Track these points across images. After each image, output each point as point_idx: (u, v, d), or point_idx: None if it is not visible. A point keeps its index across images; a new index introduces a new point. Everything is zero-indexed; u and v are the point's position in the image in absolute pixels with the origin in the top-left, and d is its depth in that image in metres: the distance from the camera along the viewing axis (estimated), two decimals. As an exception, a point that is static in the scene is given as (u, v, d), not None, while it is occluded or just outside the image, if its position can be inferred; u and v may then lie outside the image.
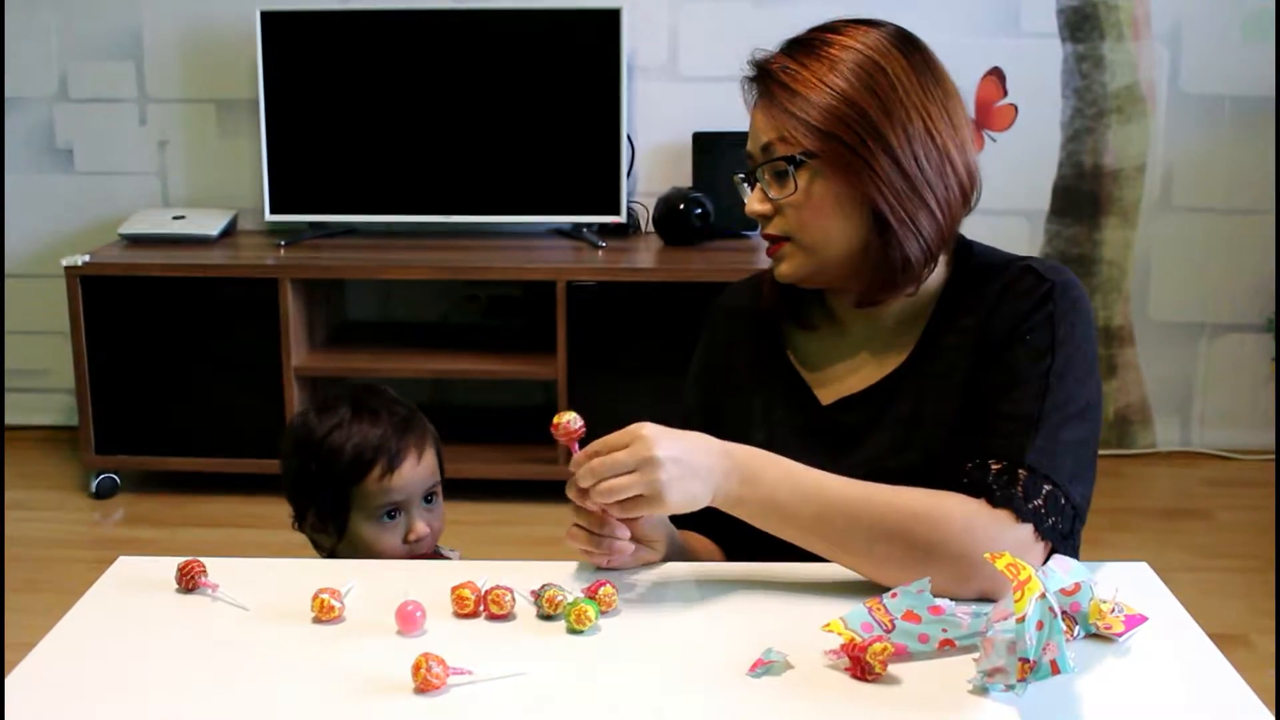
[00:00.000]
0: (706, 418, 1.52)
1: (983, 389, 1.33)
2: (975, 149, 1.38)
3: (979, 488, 1.27)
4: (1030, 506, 1.25)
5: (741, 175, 1.41)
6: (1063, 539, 1.26)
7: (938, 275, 1.41)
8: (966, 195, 1.37)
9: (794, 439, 1.43)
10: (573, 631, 1.22)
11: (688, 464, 1.22)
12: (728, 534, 1.49)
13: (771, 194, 1.36)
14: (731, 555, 1.48)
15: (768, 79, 1.35)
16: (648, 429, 1.22)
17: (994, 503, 1.26)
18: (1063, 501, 1.27)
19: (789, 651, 1.16)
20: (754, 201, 1.38)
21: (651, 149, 3.74)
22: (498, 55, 3.54)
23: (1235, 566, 3.10)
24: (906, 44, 1.35)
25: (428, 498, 1.67)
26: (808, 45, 1.35)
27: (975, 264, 1.41)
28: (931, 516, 1.24)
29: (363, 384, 1.74)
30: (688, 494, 1.22)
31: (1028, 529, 1.25)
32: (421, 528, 1.64)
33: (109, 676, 1.15)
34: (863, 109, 1.30)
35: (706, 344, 1.58)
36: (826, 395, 1.44)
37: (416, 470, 1.64)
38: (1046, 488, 1.26)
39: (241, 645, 1.20)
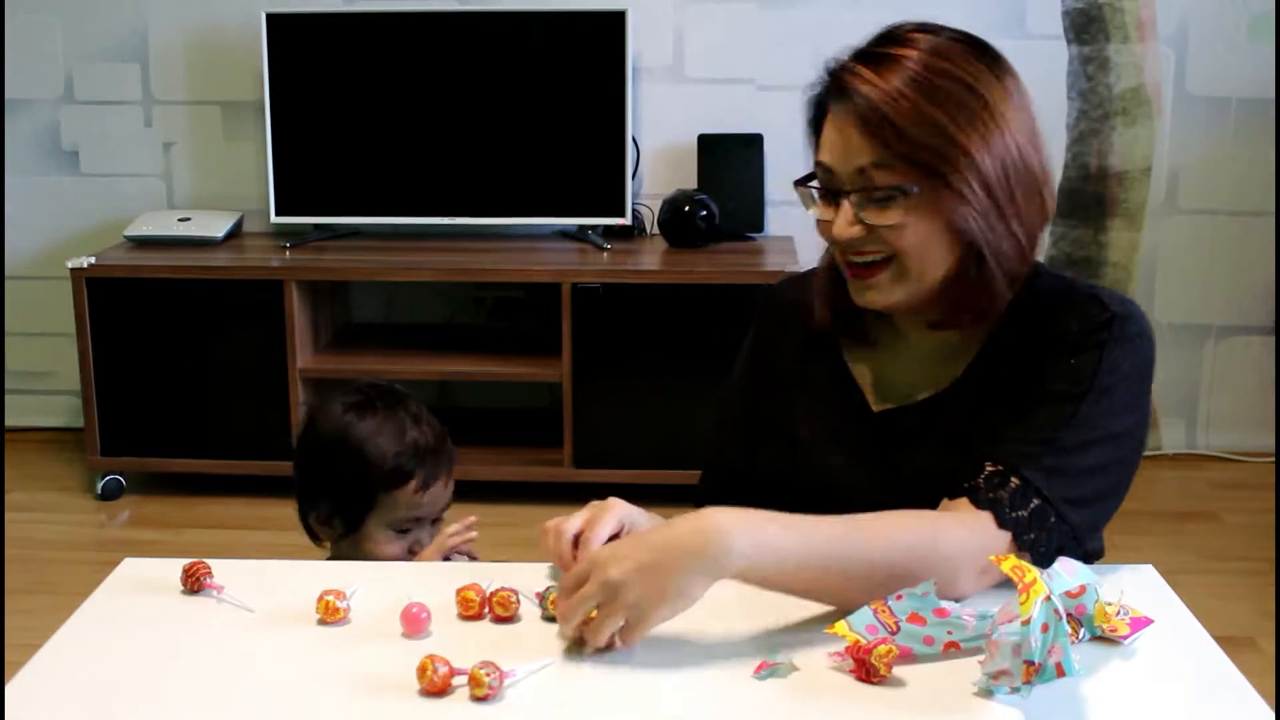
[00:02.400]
0: (749, 411, 1.51)
1: (1015, 399, 1.32)
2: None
3: (968, 487, 1.27)
4: (1012, 515, 1.24)
5: (809, 185, 1.34)
6: (1044, 558, 1.23)
7: None
8: (1047, 214, 1.33)
9: (840, 441, 1.42)
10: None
11: (657, 567, 1.12)
12: None
13: (868, 218, 1.29)
14: None
15: (854, 96, 1.27)
16: (600, 552, 1.14)
17: (977, 504, 1.26)
18: (1051, 519, 1.25)
19: (794, 654, 1.16)
20: (844, 225, 1.30)
21: (656, 151, 3.75)
22: (502, 57, 3.54)
23: (1242, 569, 3.09)
24: (981, 51, 1.31)
25: (437, 518, 1.69)
26: (888, 60, 1.28)
27: (1041, 286, 1.37)
28: (923, 552, 1.21)
29: (384, 384, 1.73)
30: (675, 596, 1.13)
31: (1005, 536, 1.24)
32: (427, 541, 1.68)
33: (114, 678, 1.15)
34: (953, 136, 1.25)
35: (755, 337, 1.54)
36: (878, 402, 1.42)
37: (444, 493, 1.67)
38: (1035, 502, 1.25)
39: (246, 647, 1.21)
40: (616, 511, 1.30)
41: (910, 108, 1.25)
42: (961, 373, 1.38)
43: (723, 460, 1.54)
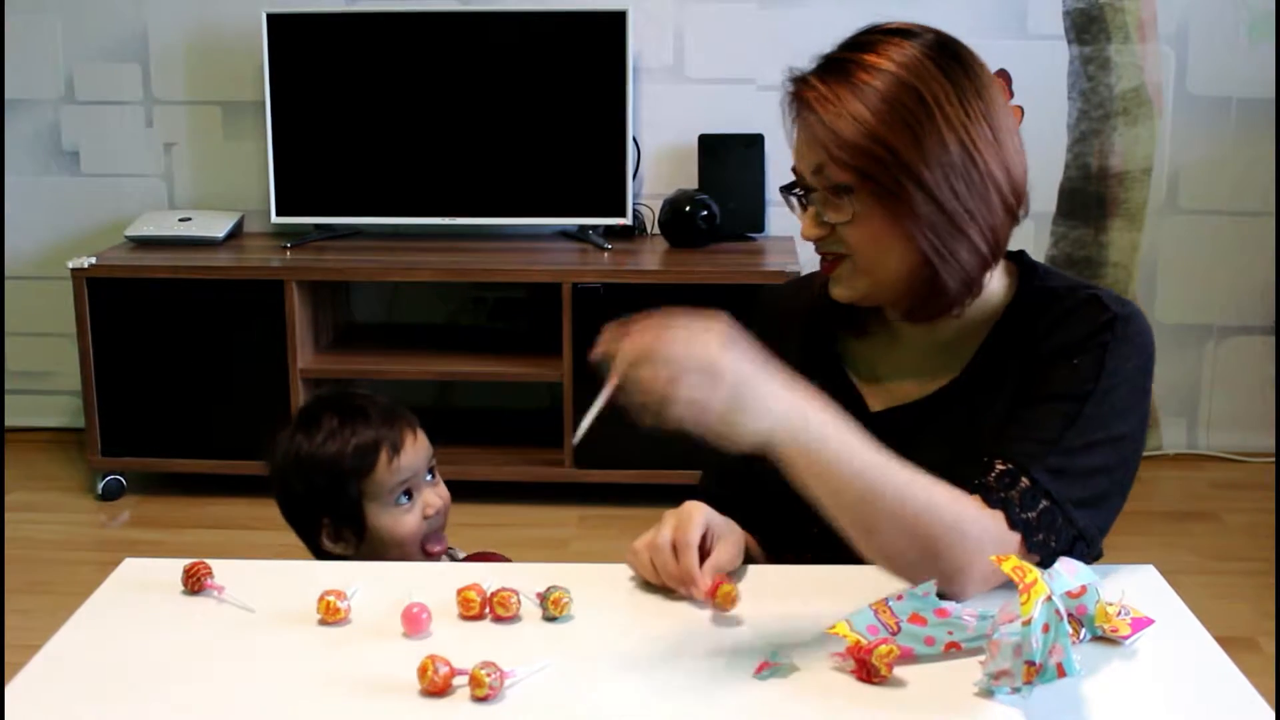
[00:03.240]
0: None
1: (1019, 399, 1.33)
2: (1021, 154, 1.33)
3: (978, 485, 1.27)
4: (1022, 517, 1.25)
5: (788, 188, 1.38)
6: (1054, 556, 1.23)
7: (1000, 293, 1.39)
8: (1013, 212, 1.33)
9: None
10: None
11: (747, 389, 1.13)
12: (769, 530, 1.48)
13: (827, 216, 1.32)
14: (770, 550, 1.48)
15: (803, 104, 1.32)
16: (719, 329, 1.14)
17: (989, 503, 1.26)
18: (1059, 521, 1.26)
19: (794, 654, 1.16)
20: (808, 225, 1.35)
21: (657, 151, 3.75)
22: (503, 57, 3.54)
23: (1242, 569, 3.09)
24: (946, 57, 1.30)
25: (429, 473, 1.70)
26: (841, 68, 1.31)
27: (1039, 286, 1.38)
28: (951, 529, 1.21)
29: (330, 392, 1.76)
30: (721, 427, 1.13)
31: (1015, 537, 1.25)
32: (435, 500, 1.68)
33: (114, 678, 1.15)
34: (894, 147, 1.26)
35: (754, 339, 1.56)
36: (876, 402, 1.43)
37: (416, 447, 1.67)
38: (1044, 503, 1.26)
39: (247, 647, 1.21)
40: (701, 516, 1.31)
41: (843, 108, 1.28)
42: (960, 371, 1.39)
43: (723, 462, 1.54)
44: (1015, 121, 1.34)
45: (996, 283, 1.39)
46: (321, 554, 1.70)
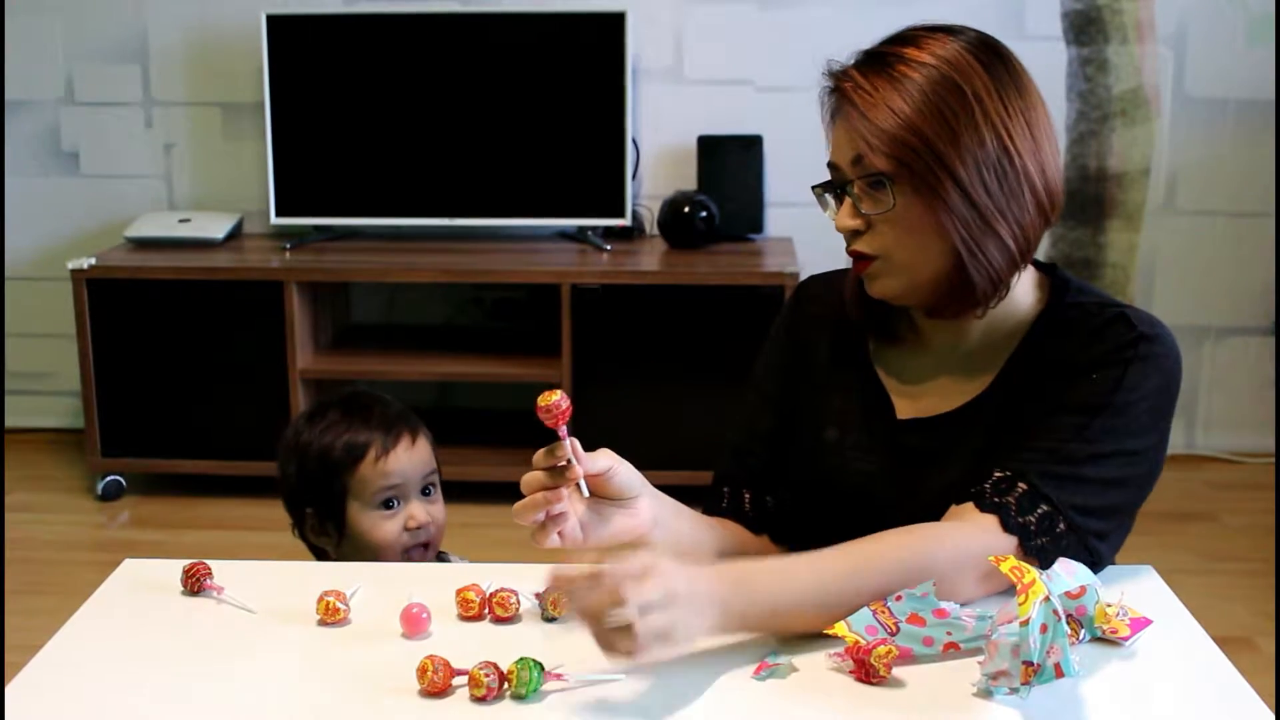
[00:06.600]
0: (783, 408, 1.49)
1: (1031, 413, 1.31)
2: (1057, 157, 1.33)
3: (973, 492, 1.27)
4: (1019, 520, 1.24)
5: (822, 186, 1.36)
6: (1054, 563, 1.22)
7: (1030, 306, 1.38)
8: (1046, 215, 1.33)
9: (866, 448, 1.41)
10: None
11: (693, 598, 1.11)
12: (793, 532, 1.47)
13: (864, 208, 1.31)
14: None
15: (841, 96, 1.31)
16: (666, 563, 1.10)
17: (981, 508, 1.25)
18: (1060, 526, 1.25)
19: (794, 654, 1.17)
20: (844, 216, 1.32)
21: (656, 152, 3.75)
22: (502, 58, 3.54)
23: (1240, 570, 3.09)
24: (988, 53, 1.31)
25: (426, 490, 1.68)
26: (880, 61, 1.30)
27: (1069, 301, 1.37)
28: (922, 566, 1.20)
29: (353, 390, 1.77)
30: (691, 632, 1.11)
31: (1011, 541, 1.24)
32: (421, 514, 1.65)
33: (114, 679, 1.15)
34: (929, 139, 1.25)
35: (787, 333, 1.52)
36: (904, 409, 1.41)
37: (411, 455, 1.66)
38: (1043, 508, 1.25)
39: (247, 648, 1.21)
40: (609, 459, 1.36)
41: (879, 99, 1.27)
42: (986, 386, 1.37)
43: (749, 448, 1.51)
44: (1051, 125, 1.33)
45: (1027, 295, 1.37)
46: (309, 543, 1.71)
